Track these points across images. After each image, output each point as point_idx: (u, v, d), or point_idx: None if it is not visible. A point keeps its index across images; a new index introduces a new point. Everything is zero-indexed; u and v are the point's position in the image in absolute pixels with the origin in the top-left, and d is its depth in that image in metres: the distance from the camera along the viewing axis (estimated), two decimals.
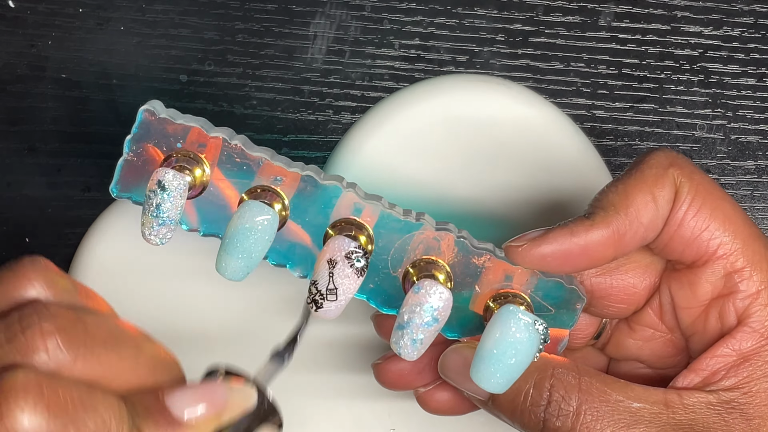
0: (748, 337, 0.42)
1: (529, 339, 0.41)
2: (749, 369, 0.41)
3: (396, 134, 0.51)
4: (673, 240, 0.42)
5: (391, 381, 0.46)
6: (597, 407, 0.41)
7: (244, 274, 0.42)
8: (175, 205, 0.42)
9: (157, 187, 0.41)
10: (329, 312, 0.42)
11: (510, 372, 0.41)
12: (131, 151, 0.44)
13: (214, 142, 0.43)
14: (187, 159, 0.43)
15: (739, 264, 0.42)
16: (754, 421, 0.41)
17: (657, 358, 0.45)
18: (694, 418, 0.41)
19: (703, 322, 0.43)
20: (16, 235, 0.54)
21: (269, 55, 0.54)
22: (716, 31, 0.54)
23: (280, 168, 0.43)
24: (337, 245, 0.42)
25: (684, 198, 0.42)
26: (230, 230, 0.42)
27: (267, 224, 0.42)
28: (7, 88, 0.54)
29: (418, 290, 0.42)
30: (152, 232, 0.42)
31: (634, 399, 0.41)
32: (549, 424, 0.41)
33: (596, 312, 0.45)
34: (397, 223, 0.44)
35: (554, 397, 0.41)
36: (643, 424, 0.41)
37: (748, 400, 0.41)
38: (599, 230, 0.42)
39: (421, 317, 0.41)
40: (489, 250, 0.44)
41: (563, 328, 0.44)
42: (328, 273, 0.42)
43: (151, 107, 0.43)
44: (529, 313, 0.41)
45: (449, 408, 0.46)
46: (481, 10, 0.54)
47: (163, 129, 0.43)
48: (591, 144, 0.53)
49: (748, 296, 0.42)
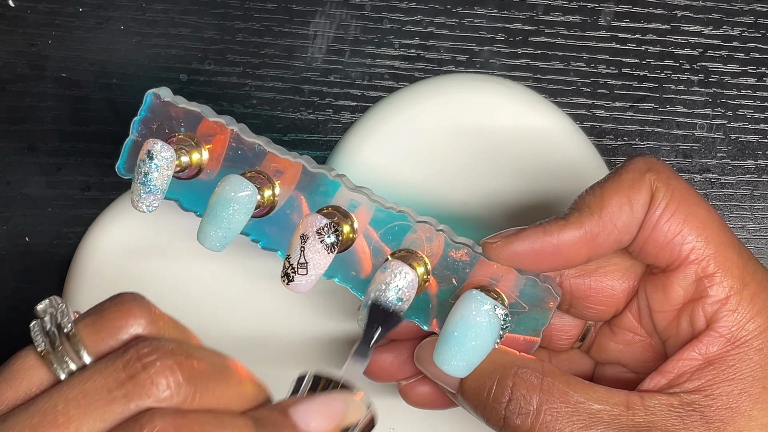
0: (714, 342, 0.42)
1: (489, 323, 0.41)
2: (713, 372, 0.42)
3: (396, 134, 0.51)
4: (648, 243, 0.43)
5: (374, 372, 0.47)
6: (557, 408, 0.41)
7: (222, 245, 0.44)
8: (162, 175, 0.44)
9: (146, 156, 0.44)
10: (300, 285, 0.44)
11: (470, 355, 0.42)
12: (138, 132, 0.46)
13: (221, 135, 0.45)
14: (187, 141, 0.46)
15: (710, 269, 0.42)
16: (714, 424, 0.41)
17: (638, 362, 0.45)
18: (653, 420, 0.41)
19: (676, 326, 0.43)
20: (16, 235, 0.54)
21: (269, 55, 0.54)
22: (716, 31, 0.54)
23: (274, 155, 0.45)
24: (309, 221, 0.43)
25: (659, 202, 0.42)
26: (211, 201, 0.44)
27: (245, 198, 0.44)
28: (7, 87, 0.54)
29: (385, 269, 0.43)
30: (140, 200, 0.44)
31: (596, 400, 0.41)
32: (509, 421, 0.42)
33: (576, 313, 0.45)
34: (379, 213, 0.45)
35: (515, 395, 0.42)
36: (602, 425, 0.41)
37: (709, 402, 0.41)
38: (572, 230, 0.42)
39: (386, 296, 0.43)
40: (468, 245, 0.44)
41: (537, 327, 0.44)
42: (300, 247, 0.43)
43: (159, 92, 0.46)
44: (490, 298, 0.42)
45: (430, 401, 0.47)
46: (481, 9, 0.54)
47: (167, 112, 0.46)
48: (591, 143, 0.53)
49: (717, 301, 0.42)
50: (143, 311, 0.38)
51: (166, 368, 0.36)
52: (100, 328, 0.37)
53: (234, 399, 0.38)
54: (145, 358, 0.36)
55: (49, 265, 0.54)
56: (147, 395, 0.35)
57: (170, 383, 0.35)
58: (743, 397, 0.41)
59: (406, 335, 0.47)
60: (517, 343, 0.44)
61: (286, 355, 0.52)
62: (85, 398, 0.35)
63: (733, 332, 0.42)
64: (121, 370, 0.36)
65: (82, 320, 0.37)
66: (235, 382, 0.38)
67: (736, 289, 0.42)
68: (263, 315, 0.52)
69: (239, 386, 0.38)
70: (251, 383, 0.39)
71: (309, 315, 0.52)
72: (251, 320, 0.52)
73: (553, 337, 0.46)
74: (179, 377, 0.36)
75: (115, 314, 0.37)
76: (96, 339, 0.37)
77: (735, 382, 0.41)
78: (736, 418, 0.41)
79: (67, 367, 0.36)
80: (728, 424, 0.41)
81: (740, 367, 0.42)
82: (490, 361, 0.42)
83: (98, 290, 0.52)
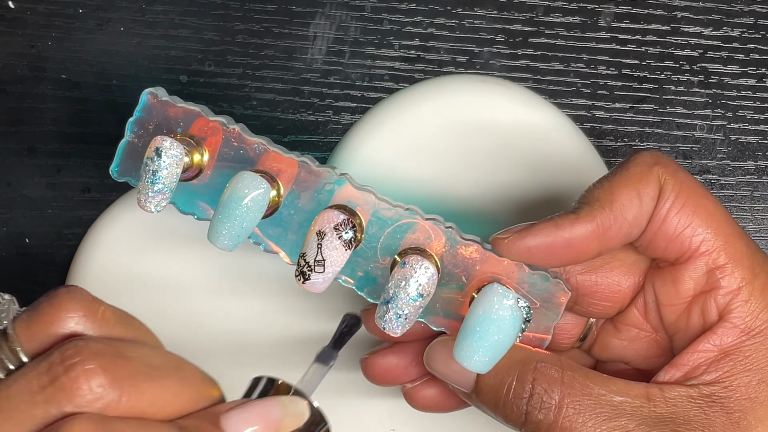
0: (729, 333, 0.42)
1: (512, 317, 0.41)
2: (730, 364, 0.42)
3: (396, 135, 0.51)
4: (657, 237, 0.43)
5: (378, 375, 0.47)
6: (579, 401, 0.41)
7: (234, 244, 0.43)
8: (171, 173, 0.42)
9: (154, 154, 0.42)
10: (316, 284, 0.43)
11: (492, 350, 0.41)
12: (133, 133, 0.45)
13: (215, 133, 0.44)
14: (186, 141, 0.44)
15: (721, 260, 0.42)
16: (734, 414, 0.41)
17: (642, 358, 0.45)
18: (675, 411, 0.41)
19: (686, 319, 0.43)
20: (16, 236, 0.54)
21: (269, 56, 0.54)
22: (716, 32, 0.54)
23: (277, 154, 0.44)
24: (326, 217, 0.43)
25: (668, 195, 0.42)
26: (223, 199, 0.43)
27: (259, 196, 0.42)
28: (7, 89, 0.54)
29: (404, 265, 0.42)
30: (147, 199, 0.43)
31: (616, 393, 0.41)
32: (531, 416, 0.41)
33: (581, 311, 0.45)
34: (387, 211, 0.44)
35: (537, 390, 0.42)
36: (625, 417, 0.41)
37: (728, 393, 0.41)
38: (584, 224, 0.42)
39: (406, 292, 0.42)
40: (476, 241, 0.44)
41: (548, 323, 0.44)
42: (317, 244, 0.42)
43: (155, 91, 0.44)
44: (513, 292, 0.41)
45: (436, 404, 0.46)
46: (481, 10, 0.54)
47: (165, 112, 0.44)
48: (591, 144, 0.53)
49: (729, 292, 0.42)
50: (77, 305, 0.37)
51: (89, 371, 0.35)
52: (32, 324, 0.37)
53: (169, 401, 0.37)
54: (68, 360, 0.35)
55: (48, 266, 0.54)
56: (68, 400, 0.34)
57: (92, 387, 0.35)
58: (762, 386, 0.41)
59: (410, 337, 0.46)
60: (528, 340, 0.44)
61: (287, 355, 0.52)
62: (8, 402, 0.34)
63: (747, 323, 0.42)
64: (45, 373, 0.35)
65: (19, 318, 0.37)
66: (173, 383, 0.37)
67: (748, 280, 0.42)
68: (263, 315, 0.52)
69: (177, 387, 0.37)
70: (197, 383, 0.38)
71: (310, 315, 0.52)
72: (251, 321, 0.52)
73: (554, 336, 0.46)
74: (102, 380, 0.35)
75: (47, 309, 0.37)
76: (29, 336, 0.36)
77: (753, 372, 0.42)
78: (756, 408, 0.41)
79: (6, 367, 0.36)
80: (748, 414, 0.41)
81: (757, 357, 0.42)
82: (507, 357, 0.42)
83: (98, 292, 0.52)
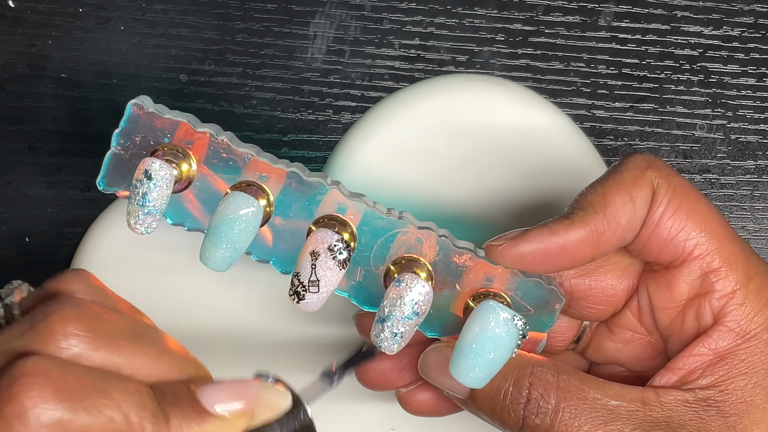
0: (724, 336, 0.42)
1: (507, 334, 0.41)
2: (725, 368, 0.42)
3: (396, 134, 0.51)
4: (651, 240, 0.43)
5: (372, 381, 0.47)
6: (575, 405, 0.41)
7: (227, 265, 0.42)
8: (161, 195, 0.42)
9: (143, 176, 0.41)
10: (310, 304, 0.42)
11: (489, 367, 0.41)
12: (119, 144, 0.44)
13: (201, 138, 0.43)
14: (174, 153, 0.43)
15: (715, 264, 0.42)
16: (730, 418, 0.41)
17: (636, 361, 0.45)
18: (670, 415, 0.41)
19: (681, 323, 0.43)
20: (15, 235, 0.54)
21: (269, 55, 0.54)
22: (716, 31, 0.54)
23: (266, 165, 0.44)
24: (320, 237, 0.42)
25: (661, 199, 0.42)
26: (215, 220, 0.42)
27: (251, 215, 0.42)
28: (7, 88, 0.54)
29: (399, 284, 0.42)
30: (138, 221, 0.42)
31: (612, 397, 0.41)
32: (528, 421, 0.42)
33: (575, 314, 0.45)
34: (380, 221, 0.44)
35: (533, 394, 0.42)
36: (620, 422, 0.41)
37: (724, 397, 0.41)
38: (578, 229, 0.42)
39: (401, 310, 0.42)
40: (470, 249, 0.44)
41: (542, 329, 0.44)
42: (311, 265, 0.42)
43: (140, 101, 0.43)
44: (508, 309, 0.41)
45: (430, 409, 0.46)
46: (481, 10, 0.54)
47: (152, 123, 0.43)
48: (591, 144, 0.53)
49: (724, 296, 0.42)
50: (77, 280, 0.38)
51: (65, 317, 0.35)
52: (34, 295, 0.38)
53: (149, 366, 0.36)
54: (47, 308, 0.35)
55: (48, 265, 0.54)
56: (42, 343, 0.34)
57: (66, 332, 0.35)
58: (757, 390, 0.41)
59: None
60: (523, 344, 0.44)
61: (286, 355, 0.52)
62: None
63: (742, 326, 0.42)
64: (27, 321, 0.35)
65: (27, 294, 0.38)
66: (155, 351, 0.37)
67: (742, 283, 0.42)
68: (262, 314, 0.52)
69: (158, 354, 0.37)
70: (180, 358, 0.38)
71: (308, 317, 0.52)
72: (250, 319, 0.52)
73: (549, 339, 0.46)
74: (78, 327, 0.35)
75: (49, 284, 0.38)
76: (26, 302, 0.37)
77: (748, 376, 0.42)
78: (752, 411, 0.41)
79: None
80: (744, 417, 0.41)
81: (752, 361, 0.42)
82: None
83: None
